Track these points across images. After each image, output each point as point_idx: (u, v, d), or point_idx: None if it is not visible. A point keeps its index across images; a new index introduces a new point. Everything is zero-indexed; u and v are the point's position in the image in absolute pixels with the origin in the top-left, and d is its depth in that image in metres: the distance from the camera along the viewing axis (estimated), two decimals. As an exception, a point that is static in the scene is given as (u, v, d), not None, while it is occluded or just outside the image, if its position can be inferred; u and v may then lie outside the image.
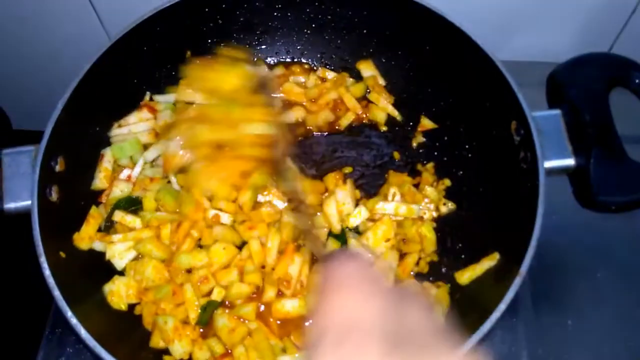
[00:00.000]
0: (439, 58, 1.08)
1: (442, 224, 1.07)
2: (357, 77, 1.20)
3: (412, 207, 1.05)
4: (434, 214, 1.07)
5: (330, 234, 1.05)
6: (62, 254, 0.91)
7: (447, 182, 1.10)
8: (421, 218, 1.06)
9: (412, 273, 1.03)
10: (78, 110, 0.96)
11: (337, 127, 1.18)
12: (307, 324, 0.95)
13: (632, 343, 1.04)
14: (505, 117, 0.94)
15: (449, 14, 0.99)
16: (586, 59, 0.94)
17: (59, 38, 1.46)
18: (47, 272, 0.81)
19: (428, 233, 1.03)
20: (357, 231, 1.06)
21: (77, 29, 1.41)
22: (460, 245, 1.04)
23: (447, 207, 1.08)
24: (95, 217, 1.01)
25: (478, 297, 0.91)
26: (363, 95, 1.19)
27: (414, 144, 1.15)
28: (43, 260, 0.82)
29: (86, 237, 0.99)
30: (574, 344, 1.04)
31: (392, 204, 1.05)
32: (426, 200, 1.08)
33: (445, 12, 1.00)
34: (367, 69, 1.19)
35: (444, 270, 1.03)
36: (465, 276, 0.97)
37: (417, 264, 1.04)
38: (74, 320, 0.80)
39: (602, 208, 0.88)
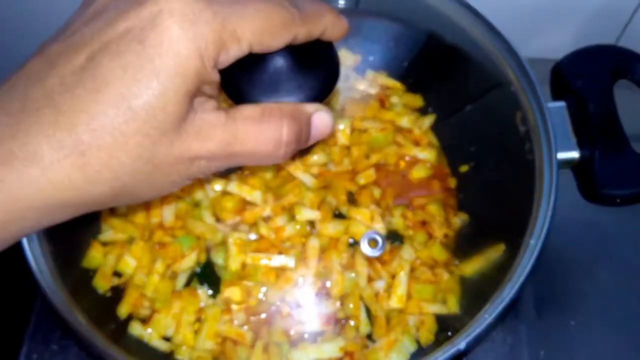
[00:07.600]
0: (439, 50, 1.06)
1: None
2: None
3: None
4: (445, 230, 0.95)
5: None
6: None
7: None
8: (430, 236, 0.95)
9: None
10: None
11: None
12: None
13: (636, 343, 1.03)
14: (510, 108, 0.92)
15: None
16: (591, 51, 0.93)
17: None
18: (29, 254, 0.78)
19: (440, 256, 0.93)
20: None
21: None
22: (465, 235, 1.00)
23: (461, 219, 0.98)
24: None
25: (482, 289, 0.89)
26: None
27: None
28: (25, 243, 0.78)
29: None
30: (577, 345, 1.02)
31: None
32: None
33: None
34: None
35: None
36: (470, 267, 0.93)
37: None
38: (60, 307, 0.77)
39: (606, 201, 0.86)
